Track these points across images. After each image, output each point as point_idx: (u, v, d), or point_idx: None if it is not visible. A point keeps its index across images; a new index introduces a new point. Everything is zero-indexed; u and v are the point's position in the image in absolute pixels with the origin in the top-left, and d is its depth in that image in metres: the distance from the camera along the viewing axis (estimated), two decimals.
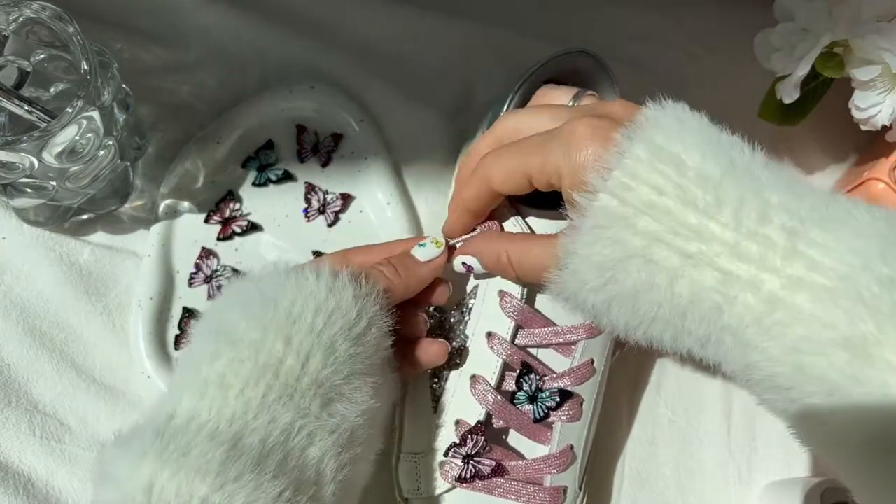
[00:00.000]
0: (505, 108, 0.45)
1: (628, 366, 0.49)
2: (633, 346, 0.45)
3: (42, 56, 0.41)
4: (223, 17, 0.50)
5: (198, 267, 0.47)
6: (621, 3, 0.55)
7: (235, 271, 0.47)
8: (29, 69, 0.40)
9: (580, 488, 0.43)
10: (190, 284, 0.47)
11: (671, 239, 0.32)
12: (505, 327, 0.41)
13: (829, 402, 0.30)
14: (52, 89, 0.41)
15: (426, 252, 0.40)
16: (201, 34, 0.50)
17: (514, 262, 0.38)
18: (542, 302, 0.41)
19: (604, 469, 0.48)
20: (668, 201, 0.32)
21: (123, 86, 0.43)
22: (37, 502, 0.42)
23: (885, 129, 0.47)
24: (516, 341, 0.41)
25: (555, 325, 0.41)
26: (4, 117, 0.41)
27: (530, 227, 0.41)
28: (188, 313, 0.46)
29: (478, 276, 0.42)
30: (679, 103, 0.34)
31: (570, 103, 0.43)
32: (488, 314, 0.42)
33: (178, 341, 0.46)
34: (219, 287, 0.47)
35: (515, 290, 0.41)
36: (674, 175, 0.32)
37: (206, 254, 0.47)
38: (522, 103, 0.46)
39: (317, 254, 0.48)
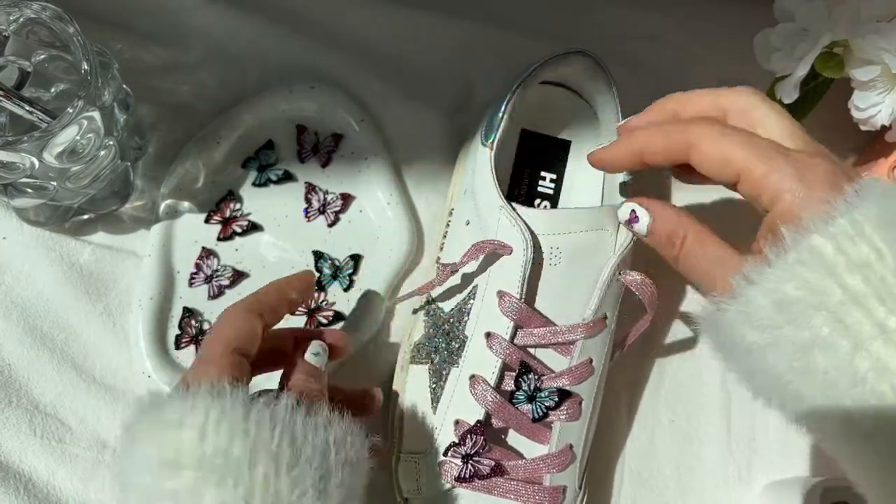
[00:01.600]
0: (502, 108, 0.44)
1: (628, 366, 0.49)
2: (632, 347, 0.45)
3: (42, 56, 0.41)
4: (223, 18, 0.51)
5: (198, 267, 0.47)
6: (621, 3, 0.55)
7: (236, 271, 0.47)
8: (29, 69, 0.40)
9: (580, 488, 0.43)
10: (190, 284, 0.47)
11: (874, 306, 0.30)
12: (504, 327, 0.41)
13: None
14: (52, 89, 0.41)
15: (320, 360, 0.39)
16: (201, 34, 0.50)
17: (686, 248, 0.36)
18: (541, 302, 0.41)
19: (604, 469, 0.48)
20: (884, 269, 0.30)
21: (124, 86, 0.43)
22: (37, 502, 0.42)
23: (884, 129, 0.47)
24: (515, 341, 0.41)
25: (554, 324, 0.41)
26: (5, 117, 0.41)
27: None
28: (189, 313, 0.46)
29: (631, 228, 0.39)
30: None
31: None
32: (487, 314, 0.42)
33: (178, 341, 0.46)
34: (219, 287, 0.47)
35: (514, 289, 0.41)
36: None
37: (207, 254, 0.47)
38: (520, 104, 0.46)
39: (317, 254, 0.48)
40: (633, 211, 0.38)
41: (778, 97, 0.47)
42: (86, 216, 0.47)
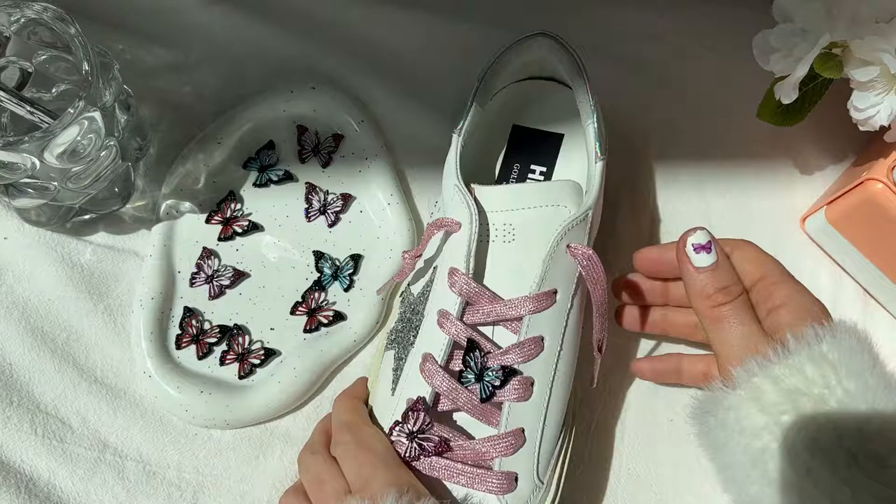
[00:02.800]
0: (471, 96, 0.44)
1: (627, 365, 0.49)
2: (631, 347, 0.46)
3: (44, 57, 0.41)
4: (224, 18, 0.51)
5: (199, 267, 0.47)
6: (620, 3, 0.55)
7: (237, 271, 0.47)
8: (31, 70, 0.41)
9: (543, 481, 0.42)
10: (191, 284, 0.47)
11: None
12: (453, 304, 0.40)
13: None
14: (53, 90, 0.42)
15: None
16: (203, 35, 0.50)
17: (729, 307, 0.39)
18: (491, 279, 0.41)
19: (602, 468, 0.48)
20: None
21: (125, 86, 0.43)
22: (38, 501, 0.42)
23: (883, 129, 0.47)
24: (464, 318, 0.40)
25: (502, 299, 0.40)
26: (6, 118, 0.41)
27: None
28: (189, 313, 0.46)
29: (697, 257, 0.40)
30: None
31: None
32: (439, 292, 0.41)
33: (179, 341, 0.46)
34: (220, 287, 0.47)
35: (462, 266, 0.40)
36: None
37: (208, 254, 0.47)
38: (511, 99, 0.45)
39: (317, 254, 0.48)
40: (709, 242, 0.40)
41: (777, 98, 0.47)
42: (87, 216, 0.47)
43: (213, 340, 0.46)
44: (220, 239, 0.48)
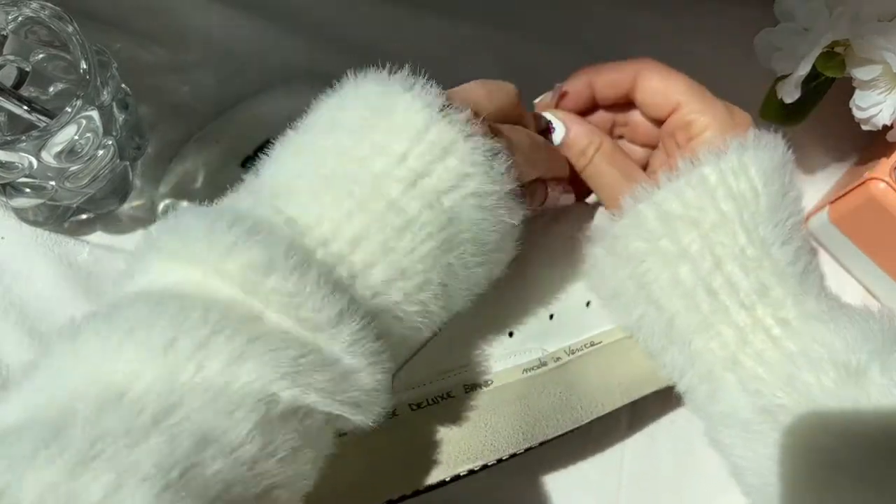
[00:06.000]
0: None
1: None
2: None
3: (41, 55, 0.41)
4: (223, 17, 0.50)
5: None
6: (620, 3, 0.55)
7: None
8: (28, 69, 0.40)
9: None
10: None
11: (739, 233, 0.37)
12: None
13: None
14: (51, 89, 0.41)
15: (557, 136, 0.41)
16: (201, 34, 0.50)
17: (594, 161, 0.40)
18: None
19: (603, 468, 0.48)
20: (756, 205, 0.37)
21: (123, 85, 0.43)
22: None
23: (885, 128, 0.47)
24: None
25: None
26: (3, 117, 0.41)
27: None
28: None
29: (552, 137, 0.41)
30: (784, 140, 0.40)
31: None
32: None
33: None
34: None
35: None
36: (774, 193, 0.38)
37: None
38: None
39: None
40: (549, 122, 0.41)
41: (779, 97, 0.47)
42: (84, 216, 0.46)
43: None
44: None
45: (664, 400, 0.49)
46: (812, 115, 0.49)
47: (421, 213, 0.32)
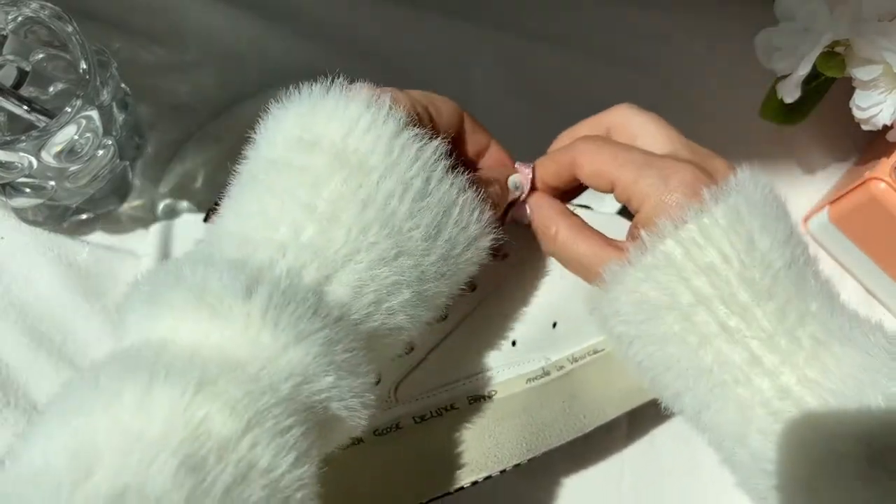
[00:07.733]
0: None
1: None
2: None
3: (41, 55, 0.41)
4: (223, 17, 0.50)
5: None
6: (622, 2, 0.55)
7: None
8: (28, 69, 0.40)
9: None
10: None
11: (717, 307, 0.33)
12: None
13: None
14: (50, 89, 0.41)
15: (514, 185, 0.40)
16: (201, 34, 0.50)
17: (559, 241, 0.39)
18: None
19: (603, 470, 0.48)
20: (729, 273, 0.33)
21: (122, 85, 0.43)
22: None
23: (886, 128, 0.47)
24: None
25: None
26: (3, 117, 0.40)
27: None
28: None
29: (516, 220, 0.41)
30: (766, 179, 0.36)
31: None
32: None
33: None
34: None
35: None
36: (742, 250, 0.33)
37: None
38: None
39: None
40: (524, 204, 0.40)
41: (779, 97, 0.47)
42: (84, 216, 0.46)
43: None
44: None
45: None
46: (812, 115, 0.49)
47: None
